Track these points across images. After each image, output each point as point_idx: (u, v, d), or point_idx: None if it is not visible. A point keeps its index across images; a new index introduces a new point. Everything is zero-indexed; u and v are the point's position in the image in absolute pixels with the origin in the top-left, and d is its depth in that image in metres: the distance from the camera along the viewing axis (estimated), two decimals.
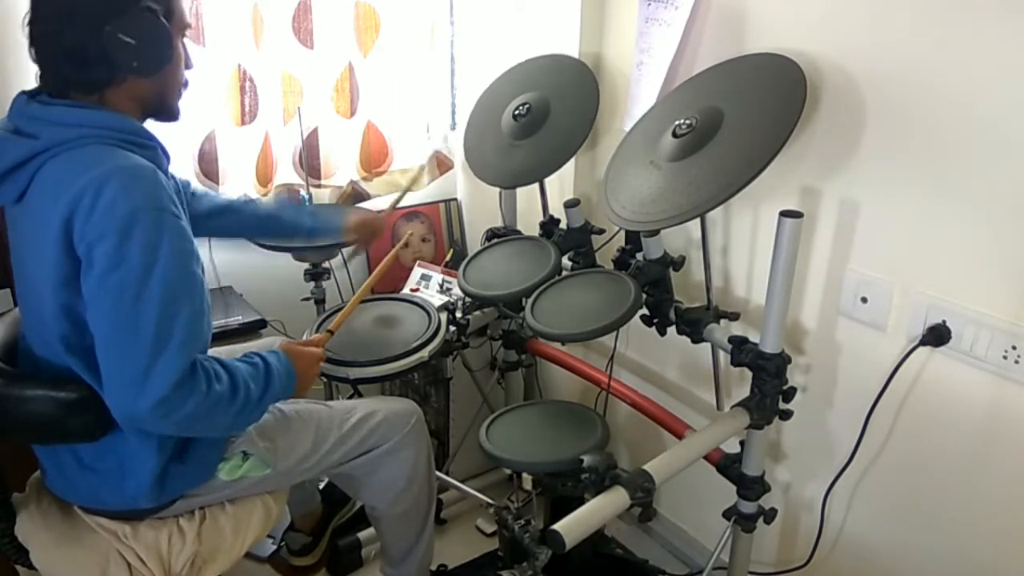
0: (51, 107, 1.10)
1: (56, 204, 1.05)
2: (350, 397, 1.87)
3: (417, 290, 2.03)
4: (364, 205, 2.08)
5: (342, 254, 2.02)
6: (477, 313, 1.86)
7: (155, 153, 1.16)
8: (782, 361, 1.38)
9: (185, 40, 1.20)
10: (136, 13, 1.08)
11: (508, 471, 2.18)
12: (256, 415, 1.19)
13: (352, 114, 2.00)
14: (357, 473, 1.49)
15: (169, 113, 1.21)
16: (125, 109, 1.15)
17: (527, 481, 1.54)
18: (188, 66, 1.22)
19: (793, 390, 1.43)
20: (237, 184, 1.87)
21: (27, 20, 1.10)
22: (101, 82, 1.11)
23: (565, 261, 1.72)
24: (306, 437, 1.39)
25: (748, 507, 1.51)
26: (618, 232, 1.78)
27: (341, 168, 2.03)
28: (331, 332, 1.41)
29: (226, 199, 1.57)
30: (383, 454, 1.48)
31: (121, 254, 1.03)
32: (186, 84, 1.23)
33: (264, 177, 1.92)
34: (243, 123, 1.85)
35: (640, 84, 1.68)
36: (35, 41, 1.10)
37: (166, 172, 1.18)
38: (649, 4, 1.63)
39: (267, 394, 1.18)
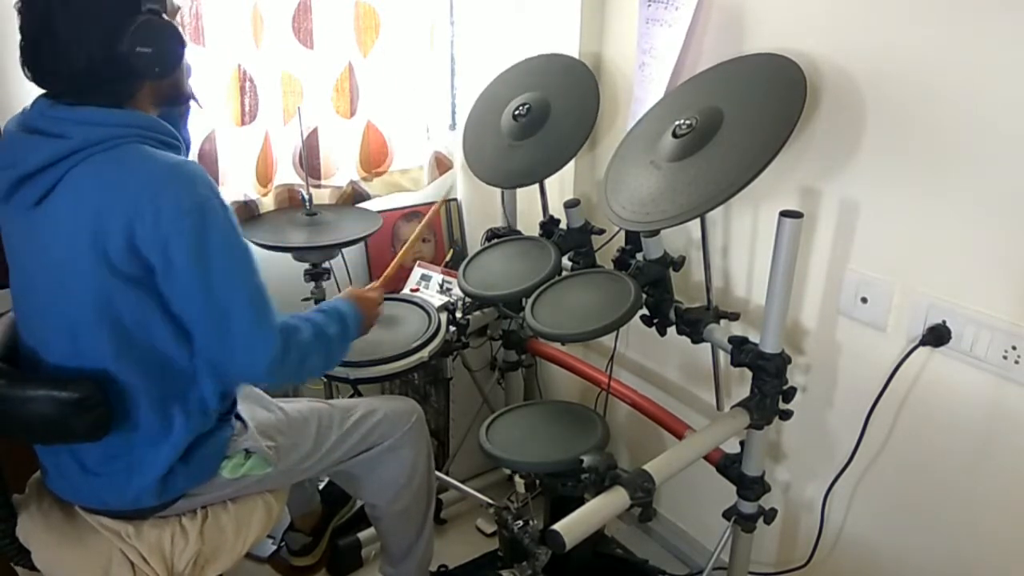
0: (79, 108, 1.08)
1: (103, 209, 1.05)
2: (350, 397, 1.87)
3: (417, 290, 2.03)
4: (364, 205, 2.08)
5: (342, 254, 2.02)
6: (477, 313, 1.86)
7: (180, 149, 1.17)
8: (782, 361, 1.38)
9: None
10: (144, 21, 1.07)
11: (508, 471, 2.18)
12: (341, 354, 1.33)
13: (352, 114, 2.00)
14: (357, 471, 1.49)
15: (185, 97, 1.23)
16: (145, 107, 1.15)
17: (519, 484, 1.54)
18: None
19: (793, 390, 1.43)
20: (237, 184, 1.87)
21: (27, 47, 1.08)
22: (123, 93, 1.11)
23: (565, 261, 1.72)
24: (307, 435, 1.39)
25: (748, 507, 1.51)
26: (618, 232, 1.78)
27: (341, 168, 2.03)
28: (384, 283, 1.54)
29: None
30: (383, 452, 1.49)
31: (202, 246, 1.07)
32: (190, 69, 1.23)
33: (264, 177, 1.92)
34: (243, 123, 1.85)
35: (643, 85, 1.67)
36: (44, 65, 1.09)
37: None
38: (649, 5, 1.63)
39: (345, 334, 1.31)
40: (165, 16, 1.11)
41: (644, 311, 1.54)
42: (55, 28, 1.05)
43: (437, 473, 1.69)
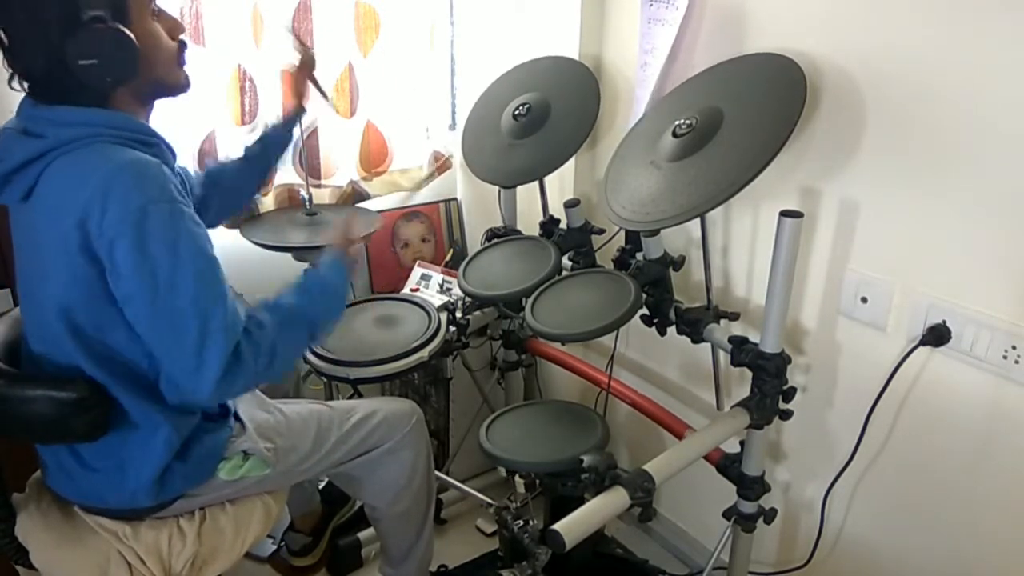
0: (55, 108, 1.10)
1: (65, 203, 1.05)
2: (350, 397, 1.87)
3: (417, 290, 2.03)
4: (364, 205, 2.08)
5: None
6: (477, 313, 1.86)
7: (160, 150, 1.16)
8: (782, 361, 1.38)
9: (155, 15, 1.16)
10: (85, 32, 1.04)
11: (507, 471, 2.18)
12: (333, 314, 1.26)
13: (352, 114, 2.00)
14: (357, 473, 1.49)
15: (175, 87, 1.20)
16: (130, 104, 1.15)
17: (519, 484, 1.54)
18: (178, 32, 1.19)
19: (793, 390, 1.43)
20: None
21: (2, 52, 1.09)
22: (94, 97, 1.11)
23: (565, 261, 1.72)
24: (306, 437, 1.39)
25: (748, 507, 1.51)
26: (618, 232, 1.78)
27: (341, 168, 2.03)
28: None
29: (205, 172, 1.56)
30: (383, 454, 1.49)
31: (144, 251, 1.04)
32: (184, 46, 1.20)
33: None
34: (243, 123, 1.85)
35: (644, 85, 1.68)
36: (18, 66, 1.10)
37: (172, 168, 1.17)
38: (651, 5, 1.63)
39: (326, 293, 1.25)
40: (113, 22, 1.06)
41: (644, 311, 1.54)
42: (9, 35, 1.07)
43: (437, 473, 1.69)
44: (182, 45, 1.20)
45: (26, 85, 1.12)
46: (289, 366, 1.21)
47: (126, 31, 1.08)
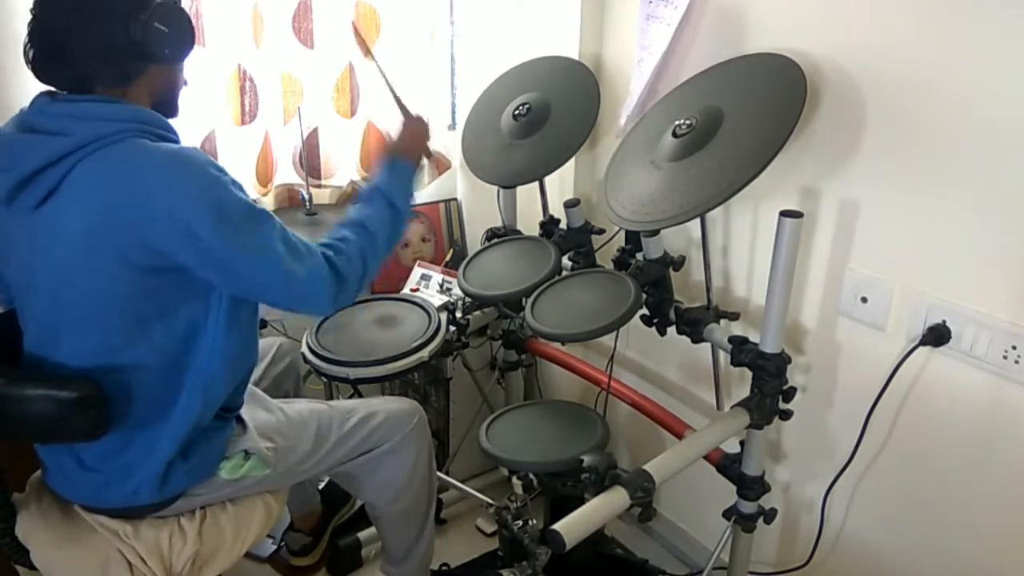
0: (80, 103, 1.09)
1: (113, 206, 1.05)
2: (350, 397, 1.87)
3: (417, 290, 2.03)
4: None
5: None
6: (477, 313, 1.86)
7: (177, 143, 1.17)
8: (782, 361, 1.38)
9: None
10: (165, 1, 1.11)
11: (507, 471, 2.18)
12: (402, 224, 1.34)
13: (352, 114, 2.00)
14: (358, 472, 1.49)
15: (173, 106, 1.22)
16: (143, 101, 1.15)
17: (517, 485, 1.54)
18: None
19: (793, 390, 1.43)
20: None
21: (40, 20, 1.09)
22: (131, 74, 1.12)
23: (565, 261, 1.72)
24: (307, 437, 1.39)
25: (748, 507, 1.51)
26: (618, 232, 1.77)
27: (341, 168, 2.03)
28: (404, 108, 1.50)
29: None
30: (384, 453, 1.49)
31: (224, 217, 1.08)
32: (185, 82, 1.24)
33: (264, 177, 1.92)
34: (243, 123, 1.85)
35: (639, 81, 1.68)
36: (55, 41, 1.08)
37: None
38: (650, 1, 1.63)
39: (395, 210, 1.32)
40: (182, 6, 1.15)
41: (644, 311, 1.54)
42: (81, 12, 1.07)
43: (437, 473, 1.69)
44: (185, 80, 1.25)
45: (51, 70, 1.11)
46: (377, 267, 1.30)
47: (190, 18, 1.18)
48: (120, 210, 1.05)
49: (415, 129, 1.43)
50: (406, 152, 1.38)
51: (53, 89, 1.13)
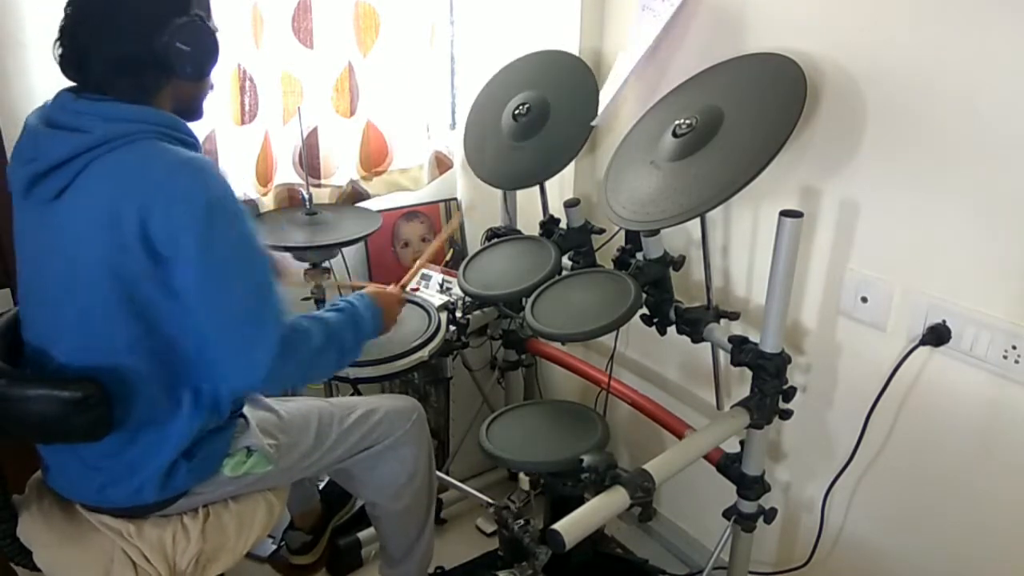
0: (102, 103, 1.10)
1: (121, 198, 1.05)
2: (350, 396, 1.87)
3: (417, 290, 2.03)
4: (364, 204, 2.08)
5: (342, 254, 2.02)
6: (477, 313, 1.86)
7: (198, 149, 1.18)
8: (782, 361, 1.38)
9: None
10: (190, 20, 1.11)
11: (508, 471, 2.18)
12: (356, 352, 1.30)
13: (352, 114, 2.00)
14: (358, 469, 1.49)
15: (197, 113, 1.24)
16: (165, 108, 1.16)
17: (524, 482, 1.54)
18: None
19: (793, 390, 1.43)
20: (237, 184, 1.87)
21: (68, 25, 1.10)
22: (151, 88, 1.13)
23: (565, 261, 1.72)
24: (308, 434, 1.39)
25: (748, 507, 1.51)
26: (618, 232, 1.77)
27: (341, 168, 2.03)
28: (403, 287, 1.52)
29: None
30: (384, 450, 1.49)
31: (211, 240, 1.07)
32: (212, 87, 1.25)
33: (264, 177, 1.92)
34: (243, 123, 1.85)
35: (620, 68, 1.68)
36: (78, 49, 1.10)
37: None
38: None
39: (359, 333, 1.30)
40: (209, 25, 1.16)
41: (644, 311, 1.54)
42: (111, 6, 1.08)
43: (437, 473, 1.69)
44: (212, 84, 1.25)
45: (78, 71, 1.11)
46: (319, 377, 1.27)
47: (216, 36, 1.17)
48: (124, 204, 1.05)
49: (403, 297, 1.47)
50: (385, 310, 1.37)
51: (72, 86, 1.14)
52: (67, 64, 1.11)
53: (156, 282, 1.10)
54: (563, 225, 1.75)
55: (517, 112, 1.76)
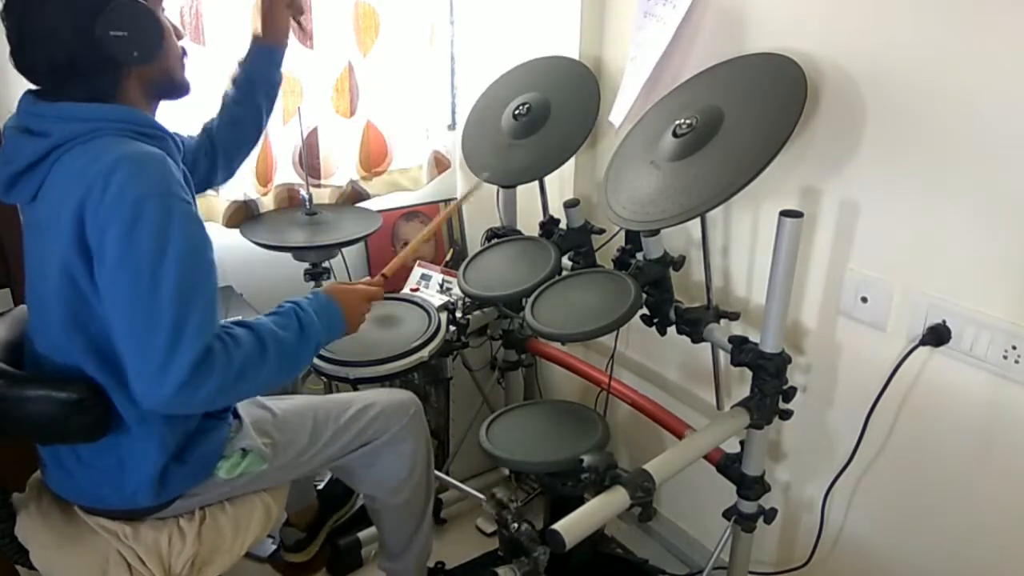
0: (59, 104, 1.10)
1: (68, 198, 1.05)
2: None
3: (417, 290, 2.03)
4: (364, 204, 2.08)
5: (342, 254, 2.02)
6: (477, 313, 1.86)
7: (166, 144, 1.16)
8: (782, 361, 1.38)
9: (164, 13, 1.18)
10: (117, 4, 1.07)
11: (508, 471, 2.18)
12: (304, 358, 1.19)
13: (352, 114, 2.00)
14: (357, 465, 1.49)
15: (180, 88, 1.22)
16: (136, 100, 1.15)
17: (511, 489, 1.54)
18: (179, 35, 1.21)
19: (793, 390, 1.43)
20: (237, 183, 1.87)
21: (11, 40, 1.09)
22: (109, 83, 1.12)
23: (565, 261, 1.72)
24: (303, 431, 1.39)
25: (748, 507, 1.51)
26: (618, 232, 1.77)
27: (341, 167, 2.03)
28: (385, 276, 1.41)
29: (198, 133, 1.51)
30: (382, 445, 1.49)
31: (132, 240, 1.02)
32: (185, 53, 1.22)
33: (264, 177, 1.92)
34: None
35: (633, 77, 1.67)
36: (24, 58, 1.09)
37: (177, 162, 1.17)
38: None
39: (305, 336, 1.17)
40: (140, 2, 1.10)
41: (644, 311, 1.54)
42: (32, 15, 1.06)
43: (437, 472, 1.69)
44: (184, 50, 1.22)
45: (31, 79, 1.11)
46: (251, 392, 1.16)
47: (152, 8, 1.12)
48: (71, 199, 1.04)
49: (373, 293, 1.34)
50: (347, 308, 1.26)
51: (35, 88, 1.14)
52: (21, 71, 1.11)
53: (92, 283, 1.08)
54: (563, 225, 1.75)
55: (517, 112, 1.76)
